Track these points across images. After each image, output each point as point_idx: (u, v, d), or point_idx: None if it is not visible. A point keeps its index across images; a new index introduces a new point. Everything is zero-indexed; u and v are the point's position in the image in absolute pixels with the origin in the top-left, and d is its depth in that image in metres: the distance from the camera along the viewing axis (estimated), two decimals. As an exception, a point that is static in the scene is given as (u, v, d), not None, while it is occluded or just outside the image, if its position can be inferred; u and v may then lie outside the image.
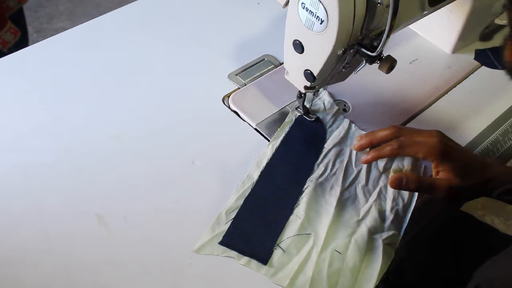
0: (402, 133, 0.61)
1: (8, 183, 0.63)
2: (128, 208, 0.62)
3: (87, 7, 2.10)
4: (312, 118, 0.70)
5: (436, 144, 0.59)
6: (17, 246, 0.58)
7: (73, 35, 0.82)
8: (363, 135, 0.64)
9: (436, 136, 0.60)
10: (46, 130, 0.69)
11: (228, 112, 0.73)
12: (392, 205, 0.62)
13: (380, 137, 0.62)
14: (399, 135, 0.61)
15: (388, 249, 0.59)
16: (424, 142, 0.59)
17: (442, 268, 0.78)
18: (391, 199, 0.63)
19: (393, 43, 0.83)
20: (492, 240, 0.81)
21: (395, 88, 0.77)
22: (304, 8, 0.54)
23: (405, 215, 0.62)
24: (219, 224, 0.60)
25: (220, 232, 0.59)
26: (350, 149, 0.68)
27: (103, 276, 0.56)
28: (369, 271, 0.57)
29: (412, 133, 0.61)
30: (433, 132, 0.60)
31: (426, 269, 0.80)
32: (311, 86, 0.63)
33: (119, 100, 0.73)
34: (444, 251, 0.80)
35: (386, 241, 0.59)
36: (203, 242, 0.59)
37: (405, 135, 0.61)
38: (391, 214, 0.62)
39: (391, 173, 0.66)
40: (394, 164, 0.67)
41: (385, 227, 0.61)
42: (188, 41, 0.82)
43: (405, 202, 0.63)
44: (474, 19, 0.78)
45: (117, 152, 0.67)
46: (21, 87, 0.74)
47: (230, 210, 0.61)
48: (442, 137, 0.60)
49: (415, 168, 0.66)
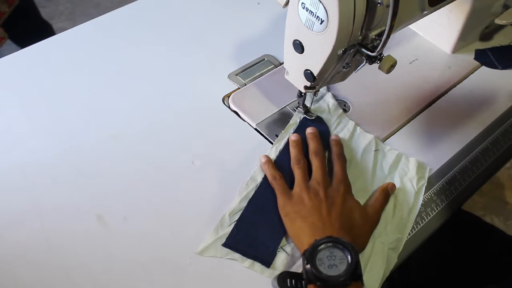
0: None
1: (8, 183, 0.63)
2: (128, 208, 0.62)
3: (87, 7, 2.10)
4: (312, 117, 0.70)
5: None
6: (17, 246, 0.58)
7: (73, 35, 0.82)
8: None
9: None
10: (46, 129, 0.69)
11: (228, 112, 0.73)
12: (397, 209, 0.62)
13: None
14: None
15: (392, 253, 0.59)
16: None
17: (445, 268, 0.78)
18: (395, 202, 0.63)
19: (393, 43, 0.83)
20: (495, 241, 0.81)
21: (395, 88, 0.77)
22: (304, 8, 0.54)
23: (409, 219, 0.62)
24: (223, 226, 0.60)
25: (224, 234, 0.59)
26: (355, 151, 0.68)
27: (103, 276, 0.56)
28: (372, 275, 0.57)
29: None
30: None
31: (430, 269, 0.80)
32: (311, 86, 0.63)
33: (119, 100, 0.73)
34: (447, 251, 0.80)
35: (390, 246, 0.59)
36: (206, 244, 0.58)
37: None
38: (396, 218, 0.62)
39: (395, 175, 0.66)
40: (399, 167, 0.67)
41: (389, 231, 0.61)
42: (188, 41, 0.82)
43: (410, 206, 0.63)
44: (474, 19, 0.78)
45: (117, 152, 0.67)
46: (21, 87, 0.74)
47: (233, 212, 0.61)
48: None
49: (420, 175, 0.66)
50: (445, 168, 0.68)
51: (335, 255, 0.52)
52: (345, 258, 0.52)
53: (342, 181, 0.61)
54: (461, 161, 0.69)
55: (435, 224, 0.63)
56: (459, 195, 0.67)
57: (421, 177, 0.66)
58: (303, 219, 0.57)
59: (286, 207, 0.60)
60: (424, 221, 0.63)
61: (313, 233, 0.55)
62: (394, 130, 0.72)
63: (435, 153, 0.69)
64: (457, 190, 0.67)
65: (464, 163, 0.69)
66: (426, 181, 0.66)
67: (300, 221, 0.57)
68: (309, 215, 0.57)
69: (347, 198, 0.60)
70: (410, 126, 0.73)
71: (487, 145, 0.72)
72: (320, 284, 0.51)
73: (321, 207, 0.58)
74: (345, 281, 0.50)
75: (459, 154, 0.70)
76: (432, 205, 0.65)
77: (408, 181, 0.65)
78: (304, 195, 0.59)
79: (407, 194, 0.64)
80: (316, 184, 0.60)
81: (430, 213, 0.64)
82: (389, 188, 0.63)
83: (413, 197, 0.64)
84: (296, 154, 0.65)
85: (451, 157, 0.69)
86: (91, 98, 0.73)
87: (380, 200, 0.62)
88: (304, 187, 0.60)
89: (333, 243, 0.53)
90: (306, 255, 0.53)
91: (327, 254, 0.52)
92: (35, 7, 1.36)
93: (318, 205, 0.58)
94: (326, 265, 0.52)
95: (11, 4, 1.19)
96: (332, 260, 0.52)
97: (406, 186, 0.65)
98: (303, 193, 0.60)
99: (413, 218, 0.62)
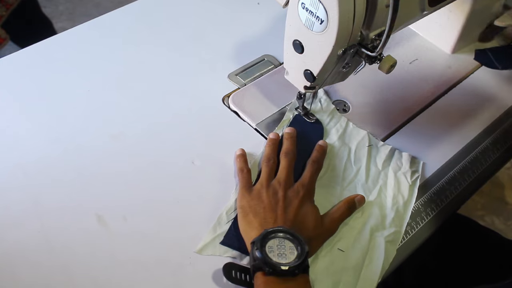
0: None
1: (8, 183, 0.63)
2: (128, 208, 0.62)
3: (87, 7, 2.10)
4: (312, 120, 0.70)
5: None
6: (17, 245, 0.58)
7: (73, 35, 0.82)
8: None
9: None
10: (46, 129, 0.69)
11: (228, 112, 0.73)
12: (392, 202, 0.63)
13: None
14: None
15: (390, 246, 0.59)
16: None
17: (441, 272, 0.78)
18: (391, 196, 0.64)
19: (393, 43, 0.83)
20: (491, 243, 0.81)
21: (395, 88, 0.77)
22: (304, 8, 0.54)
23: (405, 212, 0.63)
24: (220, 225, 0.60)
25: (222, 233, 0.59)
26: (349, 147, 0.68)
27: (103, 276, 0.56)
28: (371, 268, 0.57)
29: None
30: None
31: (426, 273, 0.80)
32: (311, 86, 0.63)
33: (119, 100, 0.73)
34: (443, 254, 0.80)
35: (388, 238, 0.60)
36: (204, 243, 0.59)
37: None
38: (392, 211, 0.62)
39: (389, 170, 0.66)
40: (392, 161, 0.67)
41: (386, 225, 0.61)
42: (188, 41, 0.82)
43: (405, 199, 0.63)
44: (474, 19, 0.78)
45: (117, 152, 0.67)
46: (21, 87, 0.74)
47: (230, 210, 0.61)
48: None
49: (414, 169, 0.66)
50: (445, 168, 0.68)
51: (285, 245, 0.53)
52: (294, 249, 0.52)
53: (304, 186, 0.61)
54: (461, 161, 0.69)
55: (435, 225, 0.63)
56: (459, 195, 0.67)
57: (414, 170, 0.66)
58: (256, 215, 0.58)
59: (242, 201, 0.60)
60: (424, 221, 0.63)
61: (262, 227, 0.56)
62: (394, 130, 0.72)
63: (435, 153, 0.70)
64: (457, 190, 0.67)
65: (464, 163, 0.69)
66: (420, 174, 0.66)
67: (252, 216, 0.58)
68: (262, 211, 0.58)
69: (305, 202, 0.60)
70: (410, 126, 0.73)
71: (487, 145, 0.72)
72: (268, 270, 0.50)
73: (277, 207, 0.58)
74: (294, 271, 0.50)
75: (459, 154, 0.70)
76: (432, 205, 0.64)
77: (402, 175, 0.66)
78: (263, 192, 0.60)
79: (402, 188, 0.65)
80: (277, 183, 0.61)
81: (430, 213, 0.64)
82: (357, 200, 0.62)
83: (408, 190, 0.64)
84: (269, 152, 0.65)
85: (451, 157, 0.69)
86: (91, 98, 0.73)
87: (341, 210, 0.61)
88: (265, 185, 0.61)
89: (284, 233, 0.53)
90: (256, 242, 0.52)
91: (277, 243, 0.53)
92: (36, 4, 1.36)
93: (273, 204, 0.58)
94: (276, 253, 0.52)
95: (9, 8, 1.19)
96: (282, 249, 0.52)
97: (400, 180, 0.65)
98: (262, 190, 0.60)
99: (409, 211, 0.63)
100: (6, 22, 1.22)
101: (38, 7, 1.38)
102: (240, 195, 0.61)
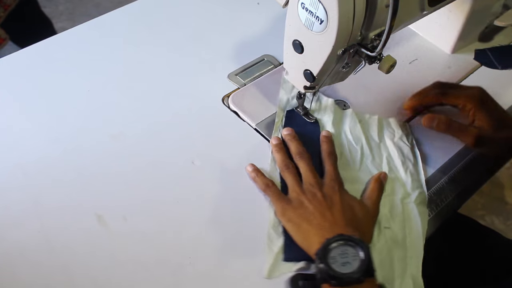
0: (445, 86, 0.69)
1: (8, 183, 0.63)
2: (128, 208, 0.62)
3: (87, 7, 2.10)
4: (312, 120, 0.70)
5: (476, 92, 0.66)
6: (17, 245, 0.58)
7: (73, 35, 0.82)
8: (411, 96, 0.71)
9: (477, 88, 0.67)
10: (46, 129, 0.69)
11: (228, 112, 0.73)
12: (404, 169, 0.65)
13: (428, 99, 0.70)
14: (442, 87, 0.69)
15: (421, 208, 0.62)
16: (465, 90, 0.68)
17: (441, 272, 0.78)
18: (400, 164, 0.66)
19: (393, 43, 0.83)
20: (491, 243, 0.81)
21: (395, 88, 0.77)
22: (303, 8, 0.54)
23: (418, 172, 0.66)
24: (273, 242, 0.59)
25: (279, 249, 0.58)
26: (343, 130, 0.69)
27: (103, 276, 0.56)
28: (414, 234, 0.60)
29: (454, 84, 0.70)
30: (475, 86, 0.68)
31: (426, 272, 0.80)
32: (311, 86, 0.63)
33: (119, 100, 0.73)
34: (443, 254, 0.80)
35: (416, 201, 0.62)
36: (269, 266, 0.57)
37: (447, 86, 0.69)
38: (408, 177, 0.65)
39: (386, 139, 0.68)
40: (385, 130, 0.69)
41: (409, 190, 0.63)
42: (188, 41, 0.82)
43: (413, 161, 0.66)
44: (474, 19, 0.78)
45: (117, 152, 0.67)
46: (21, 87, 0.74)
47: (275, 225, 0.60)
48: (483, 90, 0.67)
49: (405, 132, 0.70)
50: (445, 167, 0.68)
51: (348, 253, 0.52)
52: (357, 255, 0.52)
53: (335, 179, 0.61)
54: (461, 161, 0.69)
55: (435, 224, 0.63)
56: (459, 195, 0.67)
57: (407, 133, 0.70)
58: (309, 222, 0.57)
59: (287, 213, 0.59)
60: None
61: (322, 233, 0.55)
62: (394, 130, 0.72)
63: (435, 153, 0.69)
64: (457, 190, 0.67)
65: (464, 163, 0.69)
66: (411, 135, 0.70)
67: (306, 224, 0.57)
68: (313, 217, 0.57)
69: (344, 194, 0.60)
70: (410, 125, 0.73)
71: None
72: (334, 282, 0.50)
73: (322, 208, 0.58)
74: (360, 278, 0.50)
75: (459, 154, 0.70)
76: (431, 206, 0.64)
77: (399, 140, 0.68)
78: (302, 199, 0.59)
79: (405, 152, 0.67)
80: (310, 186, 0.60)
81: (430, 213, 0.64)
82: (382, 177, 0.64)
83: (411, 152, 0.67)
84: (282, 158, 0.64)
85: (451, 157, 0.69)
86: (91, 98, 0.73)
87: (376, 191, 0.62)
88: (300, 191, 0.60)
89: (344, 240, 0.53)
90: (319, 254, 0.52)
91: (339, 252, 0.52)
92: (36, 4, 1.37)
93: (318, 206, 0.58)
94: (339, 263, 0.51)
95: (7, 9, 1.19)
96: (345, 257, 0.52)
97: (400, 145, 0.68)
98: (300, 196, 0.60)
99: (421, 170, 0.66)
100: (6, 22, 1.23)
101: (38, 7, 1.38)
102: (280, 208, 0.60)
